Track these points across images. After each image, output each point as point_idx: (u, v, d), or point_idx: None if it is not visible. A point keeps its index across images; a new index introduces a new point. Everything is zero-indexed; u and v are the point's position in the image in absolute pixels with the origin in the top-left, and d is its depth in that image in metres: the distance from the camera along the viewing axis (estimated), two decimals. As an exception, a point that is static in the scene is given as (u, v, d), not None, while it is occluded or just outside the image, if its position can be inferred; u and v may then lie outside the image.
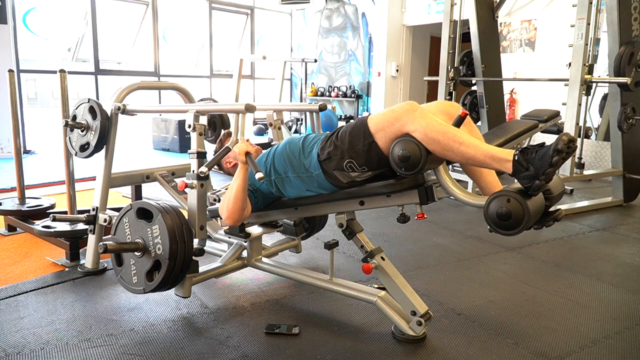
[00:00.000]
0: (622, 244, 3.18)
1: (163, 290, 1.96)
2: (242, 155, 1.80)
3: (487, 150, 1.53)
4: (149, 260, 1.89)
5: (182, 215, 1.94)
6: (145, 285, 1.90)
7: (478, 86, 4.83)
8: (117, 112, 2.45)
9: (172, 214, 1.89)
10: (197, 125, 2.00)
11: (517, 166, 1.47)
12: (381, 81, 8.49)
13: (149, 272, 1.89)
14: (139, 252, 1.91)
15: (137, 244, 1.90)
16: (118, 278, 2.00)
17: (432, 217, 3.67)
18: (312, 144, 1.89)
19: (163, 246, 1.84)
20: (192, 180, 1.98)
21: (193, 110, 2.01)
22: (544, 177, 1.41)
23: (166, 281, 1.87)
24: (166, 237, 1.83)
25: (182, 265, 1.88)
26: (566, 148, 1.40)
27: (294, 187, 1.92)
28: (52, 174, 4.94)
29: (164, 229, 1.84)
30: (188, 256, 1.90)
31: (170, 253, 1.83)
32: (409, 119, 1.60)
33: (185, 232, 1.88)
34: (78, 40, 8.97)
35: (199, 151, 2.00)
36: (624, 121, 3.88)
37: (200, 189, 1.99)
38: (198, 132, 2.00)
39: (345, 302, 2.18)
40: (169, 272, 1.85)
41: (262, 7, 9.49)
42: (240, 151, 1.80)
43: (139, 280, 1.92)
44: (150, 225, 1.88)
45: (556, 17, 6.28)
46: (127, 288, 1.97)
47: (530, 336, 1.95)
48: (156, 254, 1.86)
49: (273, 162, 1.95)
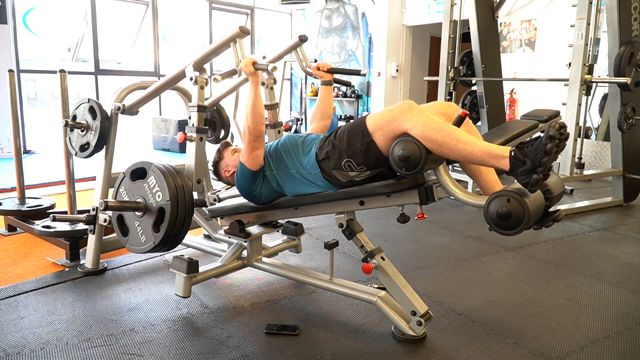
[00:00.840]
0: (622, 244, 3.18)
1: (172, 240, 1.97)
2: (249, 66, 1.89)
3: (484, 147, 1.53)
4: (152, 214, 1.92)
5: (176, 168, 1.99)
6: (154, 238, 1.93)
7: (478, 86, 4.83)
8: (117, 112, 2.45)
9: (165, 165, 1.96)
10: (198, 78, 2.01)
11: (514, 162, 1.46)
12: (381, 81, 8.49)
13: (155, 224, 1.92)
14: (140, 212, 1.94)
15: (137, 203, 1.95)
16: (127, 246, 2.04)
17: (432, 217, 3.67)
18: (312, 143, 1.90)
19: (162, 191, 1.88)
20: (192, 133, 1.99)
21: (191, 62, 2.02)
22: (541, 168, 1.40)
23: (172, 226, 1.89)
24: (163, 182, 1.87)
25: (184, 207, 1.90)
26: (558, 134, 1.39)
27: (292, 183, 1.92)
28: (52, 174, 4.94)
29: (159, 176, 1.89)
30: (189, 199, 1.93)
31: (170, 193, 1.86)
32: (406, 117, 1.60)
33: (180, 176, 1.93)
34: (78, 40, 8.97)
35: (200, 104, 2.01)
36: (624, 121, 3.88)
37: (199, 142, 2.00)
38: (199, 85, 2.01)
39: (345, 302, 2.18)
40: (174, 215, 1.87)
41: (262, 7, 9.48)
42: (247, 63, 1.89)
43: (147, 237, 1.95)
44: (146, 181, 1.93)
45: (556, 17, 6.28)
46: (138, 250, 2.00)
47: (530, 336, 1.95)
48: (157, 202, 1.89)
49: (275, 153, 1.96)
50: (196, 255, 2.48)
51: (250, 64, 1.90)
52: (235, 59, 1.97)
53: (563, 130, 1.40)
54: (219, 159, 2.21)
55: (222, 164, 2.21)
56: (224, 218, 2.27)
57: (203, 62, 2.05)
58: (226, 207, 2.20)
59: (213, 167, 2.22)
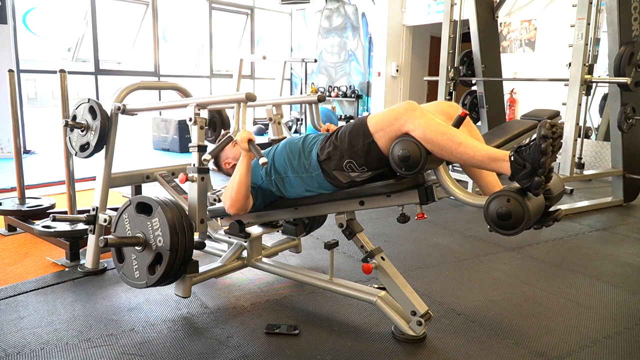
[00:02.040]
0: (622, 244, 3.18)
1: (165, 283, 1.96)
2: (244, 143, 1.83)
3: (485, 151, 1.53)
4: (150, 254, 1.89)
5: (182, 208, 1.95)
6: (148, 279, 1.90)
7: (478, 86, 4.83)
8: (117, 112, 2.45)
9: (171, 206, 1.90)
10: (197, 118, 2.01)
11: (514, 166, 1.47)
12: (381, 81, 8.49)
13: (151, 265, 1.90)
14: (140, 247, 1.92)
15: (137, 238, 1.91)
16: (120, 274, 2.00)
17: (432, 217, 3.67)
18: (312, 144, 1.89)
19: (164, 238, 1.85)
20: (193, 174, 1.98)
21: (194, 103, 2.02)
22: (541, 170, 1.40)
23: (168, 274, 1.87)
24: (166, 229, 1.84)
25: (183, 257, 1.88)
26: (550, 132, 1.39)
27: (293, 187, 1.92)
28: (52, 174, 4.94)
29: (164, 221, 1.85)
30: (189, 248, 1.91)
31: (171, 244, 1.83)
32: (408, 118, 1.60)
33: (185, 224, 1.89)
34: (78, 40, 8.97)
35: (200, 144, 2.00)
36: (624, 121, 3.88)
37: (201, 182, 1.99)
38: (199, 126, 2.00)
39: (345, 302, 2.18)
40: (171, 264, 1.85)
41: (262, 7, 9.49)
42: (243, 138, 1.83)
43: (140, 274, 1.93)
44: (150, 219, 1.89)
45: (556, 17, 6.28)
46: (129, 283, 1.97)
47: (530, 336, 1.95)
48: (157, 246, 1.87)
49: (273, 161, 1.95)
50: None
51: (246, 140, 1.83)
52: (235, 123, 1.96)
53: (555, 129, 1.41)
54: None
55: (222, 155, 2.21)
56: (224, 218, 2.27)
57: (205, 106, 2.05)
58: (226, 207, 2.20)
59: (214, 159, 2.22)
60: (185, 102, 2.07)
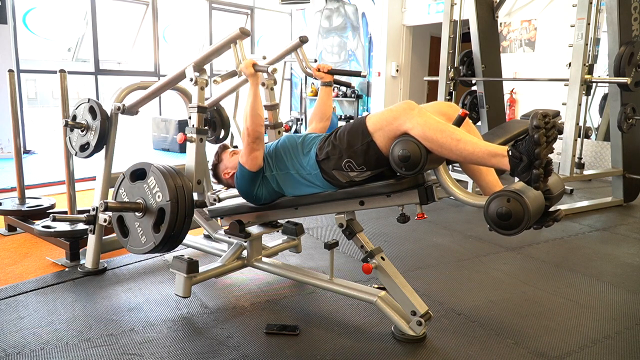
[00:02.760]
0: (622, 244, 3.18)
1: (172, 241, 1.96)
2: (249, 68, 1.90)
3: (484, 147, 1.54)
4: (152, 215, 1.92)
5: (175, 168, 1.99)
6: (155, 238, 1.92)
7: (478, 86, 4.83)
8: (117, 112, 2.45)
9: (163, 165, 1.95)
10: (198, 78, 2.01)
11: (512, 160, 1.47)
12: (381, 81, 8.49)
13: (155, 225, 1.92)
14: (140, 213, 1.94)
15: (137, 203, 1.95)
16: (127, 247, 2.03)
17: (432, 217, 3.67)
18: (311, 143, 1.89)
19: (162, 192, 1.87)
20: (192, 134, 1.99)
21: (191, 63, 2.02)
22: (538, 161, 1.40)
23: (173, 226, 1.89)
24: (163, 182, 1.87)
25: (184, 207, 1.90)
26: (543, 123, 1.40)
27: (293, 184, 1.92)
28: (52, 174, 4.94)
29: (159, 176, 1.88)
30: (189, 198, 1.93)
31: (170, 194, 1.86)
32: (406, 117, 1.60)
33: (180, 176, 1.93)
34: (78, 40, 8.97)
35: (200, 105, 2.01)
36: (624, 121, 3.88)
37: (200, 143, 2.00)
38: (199, 86, 2.01)
39: (345, 302, 2.18)
40: (174, 216, 1.87)
41: (262, 7, 9.48)
42: (247, 64, 1.90)
43: (147, 237, 1.95)
44: (145, 181, 1.93)
45: (556, 17, 6.28)
46: (138, 251, 2.00)
47: (530, 336, 1.95)
48: (157, 203, 1.89)
49: (275, 154, 1.96)
50: (196, 255, 2.48)
51: (250, 65, 1.91)
52: (236, 60, 1.97)
53: (548, 119, 1.41)
54: (217, 161, 2.21)
55: (221, 166, 2.20)
56: (224, 218, 2.27)
57: (203, 63, 2.05)
58: (226, 207, 2.20)
59: (212, 170, 2.23)
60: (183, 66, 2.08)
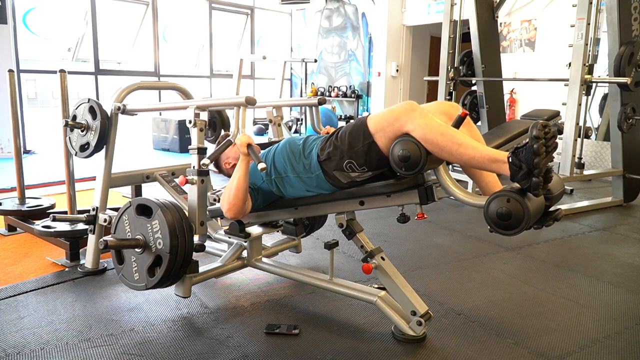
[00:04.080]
0: (622, 244, 3.18)
1: (164, 286, 1.96)
2: (243, 147, 1.82)
3: (485, 152, 1.53)
4: (150, 256, 1.89)
5: (182, 210, 1.94)
6: (147, 281, 1.90)
7: (478, 86, 4.83)
8: (117, 112, 2.45)
9: (171, 209, 1.90)
10: (197, 120, 2.01)
11: (512, 168, 1.47)
12: (381, 81, 8.49)
13: (150, 267, 1.89)
14: (140, 249, 1.91)
15: (137, 240, 1.91)
16: (119, 276, 2.00)
17: (432, 217, 3.67)
18: (312, 144, 1.89)
19: (163, 240, 1.84)
20: (192, 176, 1.98)
21: (193, 105, 2.02)
22: (537, 170, 1.40)
23: (167, 276, 1.87)
24: (166, 232, 1.84)
25: (183, 259, 1.88)
26: (542, 133, 1.40)
27: (293, 186, 1.92)
28: (52, 174, 4.94)
29: (164, 224, 1.84)
30: (189, 250, 1.91)
31: (170, 247, 1.83)
32: (408, 118, 1.60)
33: (185, 226, 1.89)
34: (78, 40, 8.96)
35: (200, 147, 2.00)
36: (624, 121, 3.88)
37: (201, 184, 1.99)
38: (199, 128, 2.00)
39: (345, 302, 2.18)
40: (170, 267, 1.85)
41: (262, 7, 9.49)
42: (242, 143, 1.82)
43: (140, 276, 1.92)
44: (150, 221, 1.89)
45: (556, 17, 6.28)
46: (129, 285, 1.97)
47: (530, 336, 1.95)
48: (157, 248, 1.87)
49: (273, 161, 1.95)
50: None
51: (245, 144, 1.81)
52: (235, 127, 1.96)
53: (548, 129, 1.41)
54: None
55: (222, 155, 2.20)
56: (224, 218, 2.27)
57: (205, 108, 2.05)
58: (226, 207, 2.20)
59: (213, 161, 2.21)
60: (185, 104, 2.07)
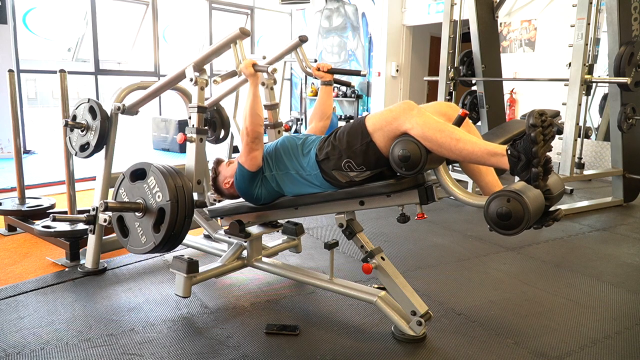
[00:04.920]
0: (622, 244, 3.18)
1: (172, 241, 1.96)
2: (249, 68, 1.90)
3: (484, 146, 1.54)
4: (152, 215, 1.92)
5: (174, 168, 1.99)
6: (155, 238, 1.92)
7: (478, 86, 4.83)
8: (117, 112, 2.45)
9: (163, 165, 1.95)
10: (198, 78, 2.01)
11: (511, 159, 1.47)
12: (381, 81, 8.48)
13: (155, 225, 1.92)
14: (140, 213, 1.94)
15: (137, 203, 1.95)
16: (127, 247, 2.03)
17: (432, 217, 3.67)
18: (311, 144, 1.89)
19: (162, 192, 1.87)
20: (192, 134, 1.99)
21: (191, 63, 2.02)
22: (536, 160, 1.41)
23: (173, 226, 1.89)
24: (163, 182, 1.87)
25: (185, 207, 1.90)
26: (539, 121, 1.40)
27: (292, 184, 1.92)
28: (52, 174, 4.94)
29: (159, 176, 1.88)
30: (189, 198, 1.93)
31: (170, 194, 1.86)
32: (406, 117, 1.61)
33: (180, 176, 1.93)
34: (78, 40, 8.97)
35: (200, 105, 2.01)
36: (624, 121, 3.88)
37: (200, 143, 2.01)
38: (199, 87, 2.01)
39: (345, 302, 2.18)
40: (174, 216, 1.87)
41: (262, 7, 9.48)
42: (247, 64, 1.91)
43: (147, 237, 1.95)
44: (145, 181, 1.93)
45: (556, 17, 6.28)
46: (138, 251, 2.00)
47: (530, 336, 1.95)
48: (157, 203, 1.89)
49: (275, 155, 1.95)
50: (196, 255, 2.48)
51: (250, 65, 1.91)
52: (235, 60, 1.97)
53: (544, 117, 1.41)
54: (216, 174, 2.18)
55: (220, 178, 2.16)
56: (224, 218, 2.27)
57: (203, 63, 2.05)
58: (226, 207, 2.20)
59: (213, 185, 2.19)
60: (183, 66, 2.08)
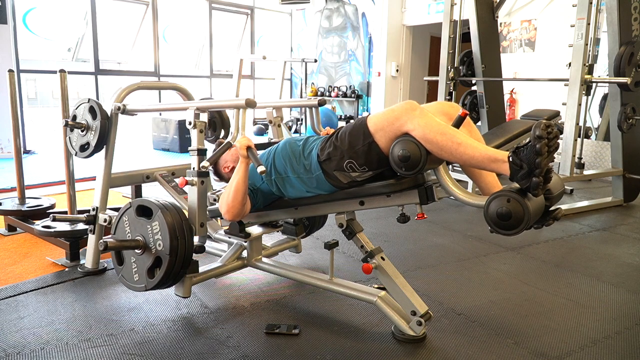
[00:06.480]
0: (622, 244, 3.18)
1: (164, 287, 1.96)
2: (243, 150, 1.81)
3: (485, 151, 1.53)
4: (150, 257, 1.89)
5: (182, 212, 1.94)
6: (147, 283, 1.90)
7: (478, 86, 4.83)
8: (117, 112, 2.45)
9: (171, 210, 1.89)
10: (197, 122, 2.01)
11: (512, 167, 1.47)
12: (381, 81, 8.49)
13: (150, 269, 1.89)
14: (140, 250, 1.91)
15: (137, 241, 1.90)
16: (119, 277, 2.00)
17: (432, 217, 3.67)
18: (312, 145, 1.89)
19: (163, 242, 1.84)
20: (192, 178, 1.98)
21: (193, 107, 2.02)
22: (538, 170, 1.40)
23: (167, 277, 1.87)
24: (166, 233, 1.83)
25: (182, 261, 1.88)
26: (545, 133, 1.40)
27: (294, 187, 1.92)
28: (52, 174, 4.94)
29: (164, 225, 1.84)
30: (189, 252, 1.91)
31: (170, 249, 1.83)
32: (408, 118, 1.60)
33: (185, 228, 1.88)
34: (78, 40, 8.97)
35: (200, 148, 2.00)
36: (624, 121, 3.88)
37: (201, 186, 1.99)
38: (198, 129, 2.00)
39: (345, 302, 2.18)
40: (170, 268, 1.85)
41: (262, 7, 9.49)
42: (242, 145, 1.81)
43: (140, 277, 1.92)
44: (150, 222, 1.88)
45: (556, 17, 6.28)
46: (129, 286, 1.97)
47: (530, 336, 1.95)
48: (157, 250, 1.86)
49: (274, 161, 1.95)
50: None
51: (245, 147, 1.80)
52: (235, 124, 1.96)
53: (550, 129, 1.41)
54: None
55: (221, 160, 2.20)
56: (224, 218, 2.27)
57: (205, 110, 2.05)
58: (226, 207, 2.20)
59: (212, 169, 2.21)
60: (185, 105, 2.07)
